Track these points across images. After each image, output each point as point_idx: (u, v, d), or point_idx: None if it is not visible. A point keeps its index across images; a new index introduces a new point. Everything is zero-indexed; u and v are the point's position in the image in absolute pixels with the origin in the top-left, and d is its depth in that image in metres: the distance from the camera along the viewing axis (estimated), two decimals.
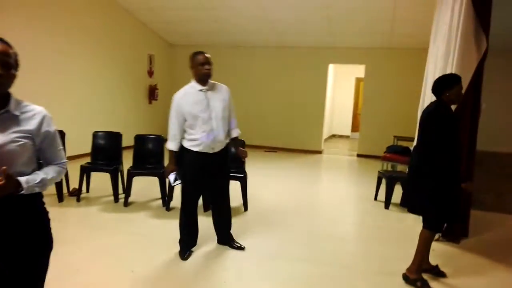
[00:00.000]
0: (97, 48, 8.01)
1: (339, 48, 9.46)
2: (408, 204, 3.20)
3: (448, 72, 4.08)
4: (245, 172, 4.90)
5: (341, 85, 13.76)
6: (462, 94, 3.11)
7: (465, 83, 3.86)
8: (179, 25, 9.35)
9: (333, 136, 14.01)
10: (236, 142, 3.69)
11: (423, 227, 3.13)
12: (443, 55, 4.22)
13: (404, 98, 8.73)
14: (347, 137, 13.96)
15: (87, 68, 7.78)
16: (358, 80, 13.15)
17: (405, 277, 3.15)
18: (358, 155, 9.72)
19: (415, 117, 4.34)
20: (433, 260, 3.48)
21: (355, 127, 13.34)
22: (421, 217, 3.19)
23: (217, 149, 3.37)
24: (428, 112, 3.04)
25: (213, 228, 3.70)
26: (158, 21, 9.31)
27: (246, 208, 4.87)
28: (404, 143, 7.21)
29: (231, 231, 3.74)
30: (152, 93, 10.05)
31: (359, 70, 10.66)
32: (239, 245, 3.67)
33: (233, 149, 3.72)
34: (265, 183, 6.58)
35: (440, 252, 3.85)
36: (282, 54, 9.96)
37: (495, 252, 3.92)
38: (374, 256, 3.69)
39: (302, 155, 9.64)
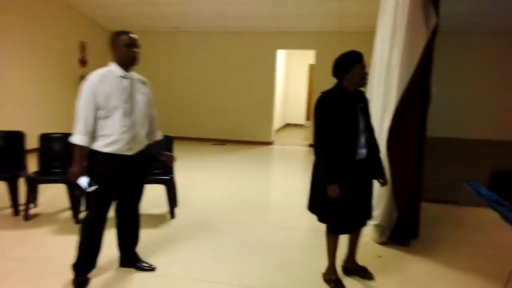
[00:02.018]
0: (13, 35, 6.98)
1: (287, 33, 8.90)
2: (308, 202, 2.88)
3: (394, 54, 3.58)
4: (172, 174, 4.24)
5: (294, 72, 13.28)
6: (367, 74, 2.68)
7: (413, 63, 3.39)
8: (114, 8, 8.42)
9: (288, 125, 13.54)
10: (160, 146, 3.10)
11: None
12: (389, 35, 3.72)
13: None
14: (302, 126, 13.53)
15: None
16: (311, 67, 12.70)
17: (323, 276, 2.96)
18: (310, 145, 9.26)
19: None
20: (379, 268, 3.05)
21: (309, 116, 12.93)
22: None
23: (135, 150, 2.73)
24: (317, 100, 2.69)
25: (116, 246, 3.01)
26: (89, 3, 8.33)
27: (173, 216, 4.21)
28: None
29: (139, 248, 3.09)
30: None
31: (312, 56, 10.18)
32: (148, 265, 3.02)
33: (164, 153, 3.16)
34: (207, 181, 5.97)
35: (387, 258, 3.39)
36: (227, 39, 9.27)
37: (446, 253, 3.50)
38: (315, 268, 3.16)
39: (252, 147, 9.06)
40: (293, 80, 13.35)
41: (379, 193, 3.65)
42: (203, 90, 9.58)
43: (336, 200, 2.61)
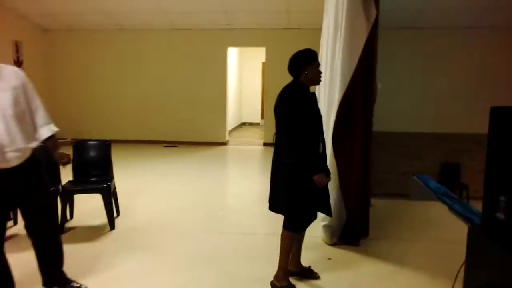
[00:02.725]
0: None
1: (237, 30, 8.70)
2: (269, 202, 2.76)
3: (337, 49, 3.47)
4: (110, 181, 3.92)
5: (247, 70, 13.11)
6: (321, 72, 2.71)
7: (355, 58, 3.29)
8: (50, 4, 7.86)
9: (243, 124, 13.36)
10: (53, 143, 2.59)
11: (283, 227, 2.74)
12: (332, 30, 3.61)
13: None
14: (258, 124, 13.39)
15: None
16: (264, 64, 12.58)
17: (273, 285, 2.78)
18: (265, 144, 9.13)
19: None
20: (329, 271, 2.94)
21: (263, 114, 12.81)
22: None
23: (15, 162, 2.31)
24: (282, 94, 2.64)
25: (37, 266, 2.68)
26: (24, 1, 7.73)
27: (112, 227, 3.89)
28: None
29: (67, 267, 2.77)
30: None
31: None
32: (78, 286, 2.71)
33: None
34: (156, 186, 5.66)
35: (337, 260, 3.26)
36: (175, 37, 8.94)
37: (396, 251, 3.45)
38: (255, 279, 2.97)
39: (205, 148, 8.79)
40: (247, 79, 13.18)
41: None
42: (153, 90, 9.20)
43: (308, 195, 2.62)
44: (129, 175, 6.17)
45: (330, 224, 3.53)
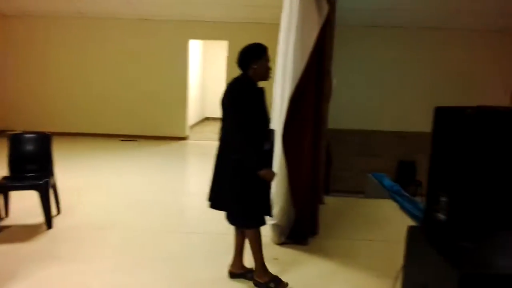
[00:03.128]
0: None
1: (199, 22, 8.48)
2: (211, 199, 2.68)
3: (291, 45, 3.37)
4: (48, 177, 3.67)
5: (211, 63, 12.88)
6: (270, 68, 2.65)
7: (306, 54, 3.21)
8: None
9: (207, 119, 13.14)
10: None
11: (242, 227, 2.72)
12: (286, 26, 3.51)
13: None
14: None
15: None
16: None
17: (257, 283, 2.73)
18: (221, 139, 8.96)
19: None
20: (274, 271, 2.83)
21: None
22: None
23: None
24: (229, 87, 2.59)
25: None
26: None
27: (49, 226, 3.65)
28: None
29: None
30: None
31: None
32: None
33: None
34: (107, 182, 5.42)
35: (284, 260, 3.19)
36: (136, 27, 8.60)
37: (342, 250, 3.43)
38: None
39: (164, 142, 8.53)
40: (211, 73, 12.94)
41: (277, 191, 3.45)
42: (112, 82, 8.82)
43: (256, 190, 2.56)
44: (79, 170, 5.89)
45: (278, 223, 3.44)
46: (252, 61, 2.56)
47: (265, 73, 2.61)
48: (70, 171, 5.76)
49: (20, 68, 8.73)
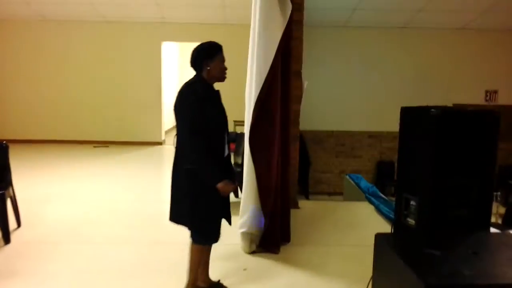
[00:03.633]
0: None
1: (171, 24, 8.32)
2: (170, 212, 2.49)
3: (256, 46, 3.24)
4: (3, 189, 3.46)
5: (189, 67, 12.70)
6: (226, 68, 2.48)
7: (271, 54, 3.09)
8: None
9: None
10: None
11: (191, 240, 2.48)
12: (253, 26, 3.39)
13: (243, 79, 8.03)
14: None
15: None
16: None
17: None
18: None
19: None
20: (242, 283, 2.74)
21: None
22: None
23: None
24: (181, 91, 2.38)
25: None
26: None
27: (7, 240, 3.43)
28: (242, 129, 6.49)
29: None
30: None
31: None
32: None
33: None
34: (74, 190, 5.20)
35: (253, 269, 3.05)
36: (105, 30, 8.39)
37: (315, 257, 3.30)
38: None
39: (139, 148, 8.33)
40: (188, 76, 12.76)
41: (246, 196, 3.33)
42: (82, 87, 8.58)
43: (212, 204, 2.37)
44: (46, 179, 5.65)
45: (248, 230, 3.31)
46: (205, 62, 2.38)
47: (220, 74, 2.43)
48: (37, 181, 5.54)
49: None
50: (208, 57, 2.38)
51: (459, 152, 2.27)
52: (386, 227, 3.94)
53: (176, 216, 2.47)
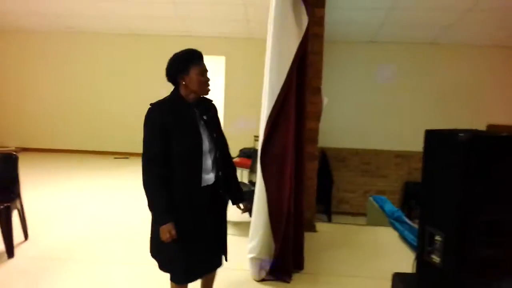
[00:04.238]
0: None
1: (194, 37, 8.28)
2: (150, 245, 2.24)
3: (270, 60, 3.05)
4: (11, 201, 3.39)
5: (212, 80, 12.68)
6: (208, 79, 2.15)
7: (285, 68, 2.90)
8: None
9: None
10: None
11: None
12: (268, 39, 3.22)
13: None
14: None
15: None
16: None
17: None
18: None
19: None
20: None
21: (225, 125, 12.38)
22: None
23: None
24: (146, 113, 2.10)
25: None
26: None
27: (10, 254, 3.34)
28: None
29: None
30: None
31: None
32: None
33: None
34: (90, 205, 5.06)
35: None
36: (129, 43, 8.46)
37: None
38: None
39: None
40: (213, 90, 12.74)
41: (256, 219, 3.11)
42: (105, 98, 8.64)
43: (178, 243, 2.02)
44: (61, 191, 5.61)
45: (257, 256, 3.09)
46: (179, 77, 2.08)
47: (199, 88, 2.09)
48: (52, 192, 5.51)
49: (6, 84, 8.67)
50: (181, 71, 2.07)
51: (491, 183, 2.00)
52: (409, 258, 3.63)
53: (151, 249, 2.23)
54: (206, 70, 2.14)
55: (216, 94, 12.71)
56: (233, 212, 2.59)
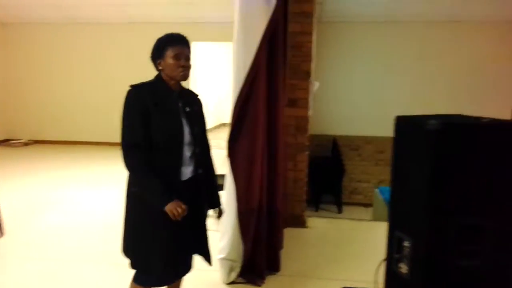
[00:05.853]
0: None
1: (203, 24, 8.03)
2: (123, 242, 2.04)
3: (236, 43, 2.75)
4: None
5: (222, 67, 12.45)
6: (184, 64, 1.93)
7: (251, 50, 2.60)
8: None
9: (223, 124, 12.68)
10: None
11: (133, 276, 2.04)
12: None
13: None
14: None
15: None
16: None
17: None
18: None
19: None
20: None
21: None
22: None
23: None
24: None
25: None
26: None
27: None
28: None
29: None
30: None
31: None
32: None
33: None
34: (80, 197, 4.98)
35: None
36: (135, 32, 8.32)
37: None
38: None
39: None
40: (222, 77, 12.49)
41: (225, 219, 2.85)
42: (108, 89, 8.56)
43: (156, 237, 1.91)
44: (55, 183, 5.57)
45: (227, 257, 2.84)
46: (158, 62, 1.98)
47: (173, 73, 1.93)
48: (46, 184, 5.48)
49: (20, 77, 8.74)
50: (157, 57, 1.98)
51: (468, 181, 1.64)
52: None
53: (122, 247, 2.04)
54: (182, 54, 1.94)
55: (224, 80, 12.51)
56: None
